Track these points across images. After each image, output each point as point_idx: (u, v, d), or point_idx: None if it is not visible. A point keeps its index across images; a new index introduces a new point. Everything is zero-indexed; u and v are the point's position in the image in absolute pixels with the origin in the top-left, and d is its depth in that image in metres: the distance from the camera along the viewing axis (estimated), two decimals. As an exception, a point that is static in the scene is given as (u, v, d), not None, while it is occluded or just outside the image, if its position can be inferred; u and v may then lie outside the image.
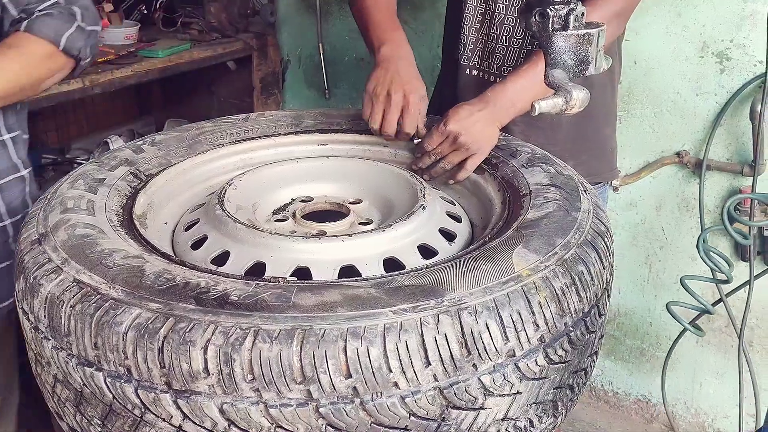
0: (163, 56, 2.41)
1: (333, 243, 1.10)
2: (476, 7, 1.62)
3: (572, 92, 0.85)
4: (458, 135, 1.32)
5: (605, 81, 1.67)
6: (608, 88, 1.70)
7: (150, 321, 0.85)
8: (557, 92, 0.88)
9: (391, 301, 0.88)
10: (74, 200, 1.13)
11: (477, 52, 1.66)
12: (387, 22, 1.53)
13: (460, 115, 1.33)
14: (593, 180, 1.70)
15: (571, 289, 0.97)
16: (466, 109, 1.34)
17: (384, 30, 1.51)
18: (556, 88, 0.88)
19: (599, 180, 1.73)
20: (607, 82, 1.68)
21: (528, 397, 0.95)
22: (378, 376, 0.84)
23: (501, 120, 1.38)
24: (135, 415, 0.88)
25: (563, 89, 0.86)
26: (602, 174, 1.74)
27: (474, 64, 1.66)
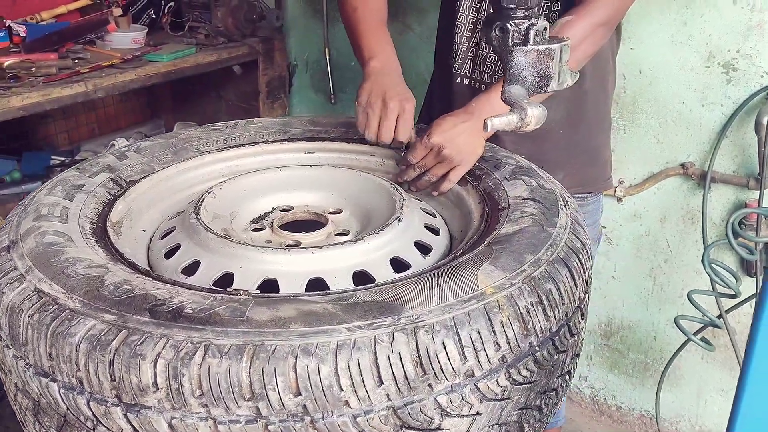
0: (168, 60, 2.43)
1: (302, 255, 1.08)
2: (468, 16, 1.61)
3: (527, 109, 0.83)
4: (442, 147, 1.31)
5: (598, 91, 1.64)
6: (601, 98, 1.67)
7: (103, 333, 0.85)
8: (513, 109, 0.86)
9: (346, 317, 0.86)
10: (49, 207, 1.14)
11: (468, 61, 1.64)
12: (377, 33, 1.53)
13: (444, 127, 1.32)
14: (585, 190, 1.68)
15: (538, 307, 0.95)
16: (449, 121, 1.33)
17: (375, 42, 1.50)
18: (512, 104, 0.85)
19: (591, 190, 1.71)
20: (600, 92, 1.65)
21: (489, 418, 0.93)
22: (328, 394, 0.82)
23: (485, 135, 1.35)
24: (88, 427, 0.88)
25: (518, 106, 0.84)
26: (595, 184, 1.72)
27: (465, 73, 1.65)
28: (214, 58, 2.59)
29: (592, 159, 1.70)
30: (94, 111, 3.11)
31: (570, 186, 1.62)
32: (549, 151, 1.61)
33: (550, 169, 1.53)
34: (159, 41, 2.64)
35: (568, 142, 1.62)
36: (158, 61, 2.43)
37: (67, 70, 2.23)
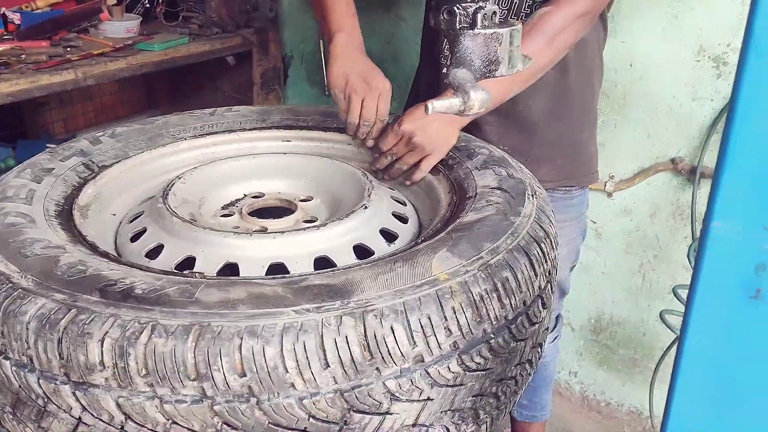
0: (159, 50, 2.43)
1: (263, 240, 1.09)
2: None
3: (470, 93, 0.82)
4: (413, 135, 1.30)
5: (583, 85, 1.63)
6: (587, 92, 1.65)
7: (53, 312, 0.85)
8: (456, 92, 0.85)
9: (295, 300, 0.86)
10: (15, 189, 1.14)
11: None
12: (344, 6, 1.49)
13: (416, 115, 1.31)
14: (570, 184, 1.66)
15: (492, 295, 0.95)
16: (422, 109, 1.32)
17: (341, 15, 1.48)
18: (455, 88, 0.85)
19: (575, 183, 1.70)
20: (585, 86, 1.63)
21: (441, 403, 0.93)
22: (273, 375, 0.82)
23: (461, 120, 1.34)
24: (39, 405, 0.89)
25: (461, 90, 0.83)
26: (579, 178, 1.71)
27: None
28: (206, 48, 2.59)
29: (577, 153, 1.69)
30: (90, 100, 3.12)
31: (555, 179, 1.62)
32: (533, 145, 1.60)
33: (535, 163, 1.52)
34: (152, 31, 2.64)
35: (552, 135, 1.61)
36: (150, 50, 2.43)
37: (58, 57, 2.24)
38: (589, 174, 1.75)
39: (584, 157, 1.72)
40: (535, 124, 1.60)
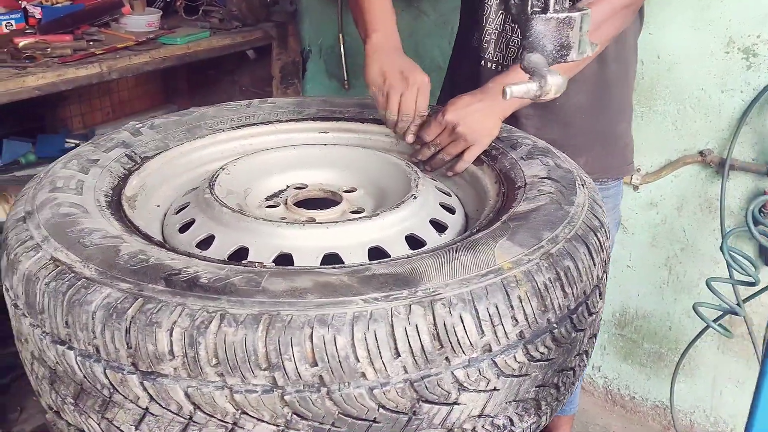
0: (182, 43, 2.42)
1: (317, 230, 1.08)
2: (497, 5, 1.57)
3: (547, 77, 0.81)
4: (456, 125, 1.29)
5: (621, 76, 1.62)
6: (624, 83, 1.65)
7: (119, 301, 0.85)
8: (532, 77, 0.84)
9: (362, 289, 0.86)
10: (64, 180, 1.14)
11: (493, 44, 1.60)
12: (380, 6, 1.47)
13: (458, 105, 1.31)
14: (607, 175, 1.66)
15: (556, 284, 0.94)
16: (465, 100, 1.31)
17: (377, 17, 1.46)
18: (531, 72, 0.84)
19: (612, 175, 1.70)
20: (623, 77, 1.63)
21: (507, 394, 0.92)
22: (345, 365, 0.82)
23: (503, 111, 1.34)
24: (104, 395, 0.88)
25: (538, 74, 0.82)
26: (617, 169, 1.71)
27: (490, 56, 1.61)
28: (227, 42, 2.59)
29: (614, 144, 1.68)
30: (108, 95, 3.11)
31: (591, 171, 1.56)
32: (571, 136, 1.59)
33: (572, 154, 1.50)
34: (173, 25, 2.64)
35: (590, 127, 1.60)
36: (172, 44, 2.42)
37: (82, 51, 2.23)
38: (625, 165, 1.74)
39: (620, 148, 1.71)
40: (574, 115, 1.59)
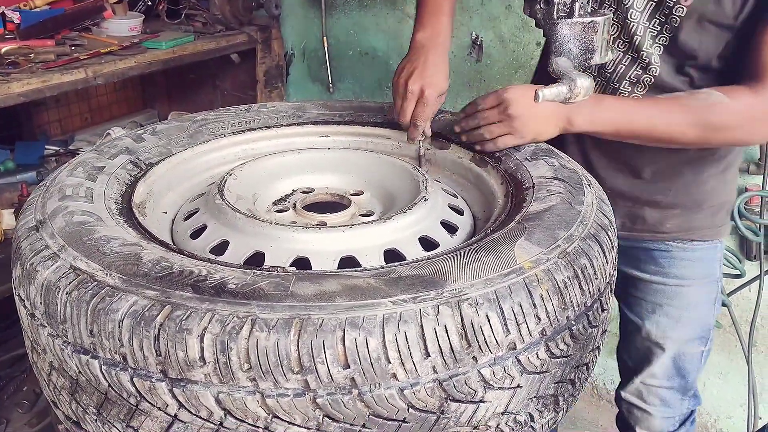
0: (167, 48, 2.40)
1: (333, 233, 1.08)
2: None
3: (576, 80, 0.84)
4: (509, 105, 1.26)
5: None
6: None
7: (146, 308, 0.84)
8: (561, 80, 0.86)
9: (390, 291, 0.86)
10: (73, 188, 1.12)
11: None
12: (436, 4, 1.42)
13: (525, 91, 1.27)
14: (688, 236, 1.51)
15: (574, 282, 0.96)
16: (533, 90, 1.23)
17: (427, 13, 1.42)
18: (560, 76, 0.86)
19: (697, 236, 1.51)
20: None
21: (529, 391, 0.94)
22: (376, 366, 0.82)
23: (567, 123, 1.28)
24: (130, 404, 0.87)
25: (567, 77, 0.84)
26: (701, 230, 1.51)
27: None
28: (212, 46, 2.57)
29: (699, 203, 1.48)
30: (86, 100, 3.07)
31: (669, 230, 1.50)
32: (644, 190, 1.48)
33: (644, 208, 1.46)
34: (156, 29, 2.61)
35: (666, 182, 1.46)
36: (157, 49, 2.40)
37: (66, 56, 2.20)
38: (716, 227, 1.52)
39: (710, 207, 1.50)
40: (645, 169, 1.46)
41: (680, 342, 1.57)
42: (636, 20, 1.33)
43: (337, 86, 2.94)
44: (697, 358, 1.61)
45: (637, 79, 1.37)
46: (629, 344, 1.66)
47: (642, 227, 1.52)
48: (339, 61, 2.91)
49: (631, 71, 1.37)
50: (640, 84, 1.37)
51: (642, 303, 1.59)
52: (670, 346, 1.58)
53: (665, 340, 1.58)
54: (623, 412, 1.74)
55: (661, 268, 1.54)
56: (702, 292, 1.56)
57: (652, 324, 1.58)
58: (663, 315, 1.56)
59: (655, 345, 1.59)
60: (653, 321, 1.57)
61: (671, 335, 1.57)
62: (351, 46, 2.86)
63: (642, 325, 1.59)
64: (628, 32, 1.35)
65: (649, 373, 1.62)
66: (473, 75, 2.53)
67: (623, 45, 1.37)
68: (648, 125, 1.28)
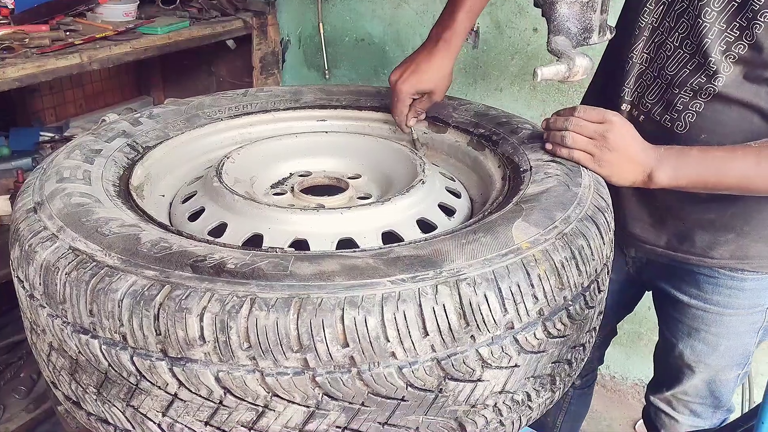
0: (163, 33, 2.38)
1: (331, 215, 1.09)
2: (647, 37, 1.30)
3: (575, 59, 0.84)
4: (610, 131, 1.15)
5: None
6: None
7: (146, 288, 0.84)
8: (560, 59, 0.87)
9: (389, 271, 0.87)
10: (70, 170, 1.12)
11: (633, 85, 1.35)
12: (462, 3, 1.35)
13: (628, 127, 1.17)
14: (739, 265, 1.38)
15: (571, 263, 0.97)
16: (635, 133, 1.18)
17: (446, 7, 1.38)
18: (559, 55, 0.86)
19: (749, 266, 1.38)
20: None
21: (526, 370, 0.95)
22: (375, 345, 0.83)
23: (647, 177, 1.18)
24: (130, 383, 0.88)
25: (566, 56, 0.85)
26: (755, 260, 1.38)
27: (626, 97, 1.36)
28: (208, 31, 2.55)
29: (754, 228, 1.34)
30: (81, 87, 3.04)
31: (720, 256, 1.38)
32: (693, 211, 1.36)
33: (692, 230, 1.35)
34: (150, 14, 2.59)
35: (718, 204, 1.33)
36: (153, 34, 2.38)
37: (60, 41, 2.18)
38: None
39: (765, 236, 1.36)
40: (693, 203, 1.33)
41: (715, 368, 1.50)
42: (710, 20, 1.18)
43: (333, 73, 2.94)
44: (733, 381, 1.54)
45: (700, 87, 1.24)
46: (663, 358, 1.60)
47: (689, 249, 1.40)
48: (335, 48, 2.90)
49: (694, 78, 1.24)
50: (702, 92, 1.24)
51: (679, 325, 1.50)
52: (704, 370, 1.51)
53: (698, 365, 1.50)
54: (651, 412, 1.69)
55: (703, 293, 1.43)
56: (746, 321, 1.45)
57: (686, 347, 1.50)
58: (699, 341, 1.48)
59: (687, 367, 1.52)
60: (688, 344, 1.49)
61: (705, 361, 1.49)
62: (347, 32, 2.85)
63: (676, 345, 1.52)
64: (698, 33, 1.21)
65: (681, 390, 1.57)
66: (470, 61, 2.52)
67: (690, 47, 1.23)
68: (740, 179, 1.17)
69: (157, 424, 0.89)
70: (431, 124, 1.45)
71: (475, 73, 2.53)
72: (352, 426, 0.87)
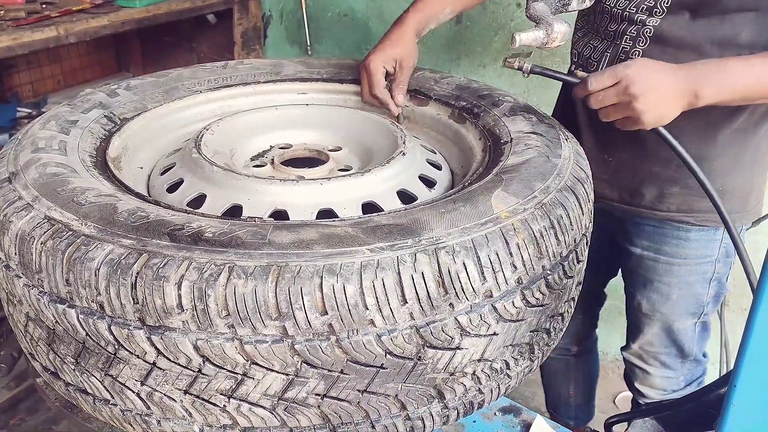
0: (141, 6, 2.34)
1: (311, 186, 1.08)
2: None
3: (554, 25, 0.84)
4: (631, 83, 1.09)
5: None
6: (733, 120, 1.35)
7: (123, 257, 0.84)
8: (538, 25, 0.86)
9: (368, 239, 0.87)
10: (46, 140, 1.10)
11: None
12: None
13: (649, 67, 1.11)
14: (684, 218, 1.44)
15: (550, 232, 0.97)
16: (657, 66, 1.12)
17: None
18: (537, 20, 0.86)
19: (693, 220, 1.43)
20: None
21: (504, 338, 0.96)
22: (354, 313, 0.83)
23: (693, 98, 1.13)
24: (108, 352, 0.87)
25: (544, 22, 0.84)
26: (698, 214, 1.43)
27: None
28: (188, 5, 2.51)
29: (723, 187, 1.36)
30: (59, 63, 2.99)
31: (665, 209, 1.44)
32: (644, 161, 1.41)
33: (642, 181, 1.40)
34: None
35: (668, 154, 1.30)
36: (131, 7, 2.34)
37: (36, 14, 2.14)
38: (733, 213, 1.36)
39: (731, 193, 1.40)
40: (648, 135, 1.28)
41: (670, 316, 1.56)
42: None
43: (315, 49, 2.91)
44: (690, 329, 1.59)
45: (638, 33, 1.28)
46: (628, 312, 1.69)
47: (639, 202, 1.46)
48: (317, 23, 2.87)
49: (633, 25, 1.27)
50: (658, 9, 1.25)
51: (635, 276, 1.58)
52: (660, 318, 1.58)
53: (654, 314, 1.58)
54: (627, 370, 1.78)
55: (654, 244, 1.50)
56: (695, 272, 1.50)
57: (643, 297, 1.57)
58: (653, 291, 1.55)
59: (646, 317, 1.60)
60: (644, 295, 1.57)
61: (660, 309, 1.56)
62: (330, 7, 2.82)
63: (635, 296, 1.60)
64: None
65: (645, 341, 1.64)
66: (453, 36, 2.51)
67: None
68: None
69: (135, 393, 0.89)
70: (413, 97, 1.44)
71: (459, 49, 2.52)
72: (331, 393, 0.88)
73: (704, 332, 1.63)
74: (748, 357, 0.77)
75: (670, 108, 1.13)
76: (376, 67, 1.38)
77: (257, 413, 0.88)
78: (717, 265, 1.50)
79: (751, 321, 0.75)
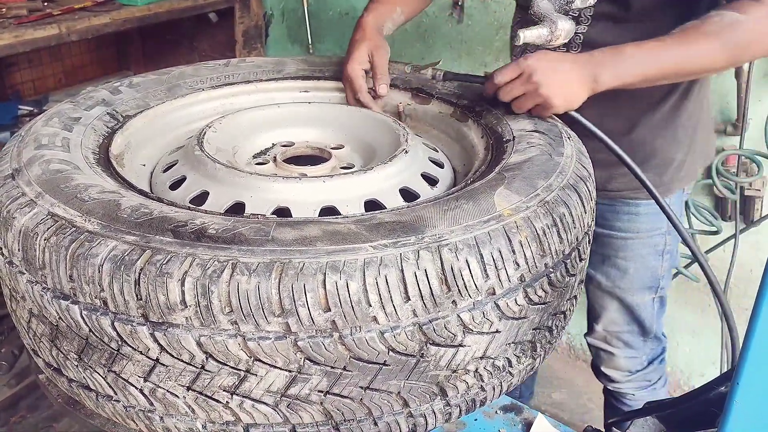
0: (143, 5, 2.35)
1: (313, 183, 1.08)
2: None
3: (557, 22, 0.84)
4: (533, 73, 1.16)
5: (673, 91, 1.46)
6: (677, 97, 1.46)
7: (126, 253, 0.84)
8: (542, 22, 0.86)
9: (371, 236, 0.87)
10: (49, 137, 1.11)
11: None
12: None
13: (546, 57, 1.16)
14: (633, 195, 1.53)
15: (553, 230, 0.97)
16: (554, 55, 1.17)
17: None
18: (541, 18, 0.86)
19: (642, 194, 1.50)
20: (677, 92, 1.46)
21: (507, 336, 0.96)
22: (357, 310, 0.83)
23: (593, 83, 1.19)
24: (112, 349, 0.88)
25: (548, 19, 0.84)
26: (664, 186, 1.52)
27: None
28: (189, 4, 2.52)
29: (647, 159, 1.48)
30: (60, 61, 3.00)
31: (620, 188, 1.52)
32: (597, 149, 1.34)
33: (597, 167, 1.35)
34: (131, -14, 2.55)
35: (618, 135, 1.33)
36: (132, 6, 2.34)
37: (38, 12, 2.14)
38: (663, 185, 1.51)
39: (657, 165, 1.50)
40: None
41: (629, 291, 1.64)
42: None
43: (316, 47, 2.91)
44: (649, 305, 1.68)
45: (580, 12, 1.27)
46: (588, 294, 1.76)
47: None
48: (319, 22, 2.87)
49: None
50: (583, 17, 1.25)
51: (593, 255, 1.61)
52: (620, 294, 1.66)
53: (614, 290, 1.66)
54: (593, 356, 1.85)
55: (607, 221, 1.59)
56: (648, 244, 1.60)
57: (602, 274, 1.65)
58: (611, 266, 1.63)
59: (607, 294, 1.68)
60: (603, 271, 1.65)
61: (619, 284, 1.64)
62: (331, 6, 2.82)
63: (595, 275, 1.67)
64: None
65: (608, 320, 1.71)
66: (454, 36, 2.51)
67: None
68: (677, 63, 1.22)
69: (138, 389, 0.89)
70: (415, 95, 1.44)
71: (460, 48, 2.52)
72: (334, 390, 0.88)
73: (662, 308, 1.72)
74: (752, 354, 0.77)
75: (576, 92, 1.19)
76: (353, 71, 1.41)
77: (260, 410, 0.88)
78: (667, 237, 1.60)
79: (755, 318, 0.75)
